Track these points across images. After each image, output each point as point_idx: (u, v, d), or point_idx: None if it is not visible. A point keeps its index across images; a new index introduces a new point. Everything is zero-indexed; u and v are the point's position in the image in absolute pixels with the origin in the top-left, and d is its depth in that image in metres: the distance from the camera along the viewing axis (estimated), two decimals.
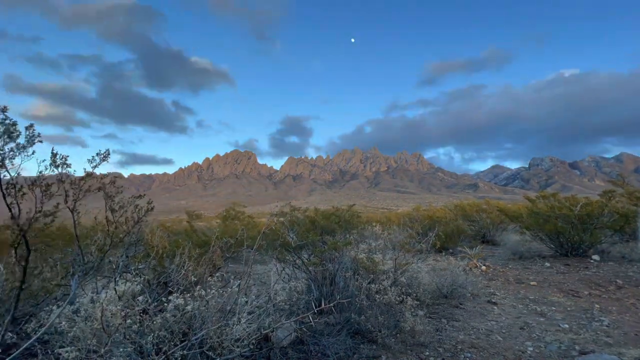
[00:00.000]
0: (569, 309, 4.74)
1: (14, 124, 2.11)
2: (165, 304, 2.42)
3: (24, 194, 2.12)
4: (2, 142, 2.08)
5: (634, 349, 3.38)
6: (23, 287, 2.22)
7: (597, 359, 3.13)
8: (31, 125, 2.17)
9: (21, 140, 2.14)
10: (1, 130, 2.07)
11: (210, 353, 2.39)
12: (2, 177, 2.09)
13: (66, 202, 2.39)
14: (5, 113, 2.08)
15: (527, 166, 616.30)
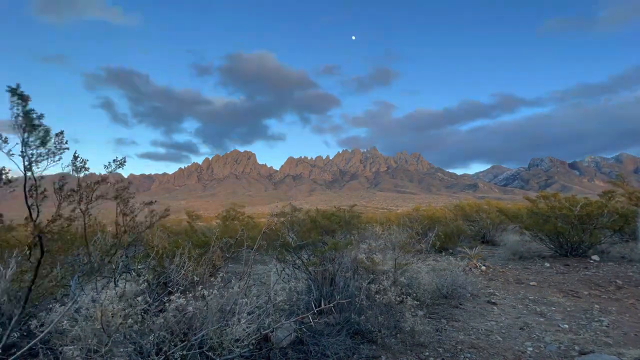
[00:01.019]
0: (568, 309, 4.74)
1: (48, 131, 2.19)
2: (166, 304, 2.42)
3: (45, 196, 2.18)
4: (33, 147, 2.16)
5: (633, 349, 3.39)
6: (32, 287, 2.24)
7: (596, 359, 3.13)
8: (61, 133, 2.28)
9: (51, 146, 2.24)
10: (35, 136, 2.15)
11: (210, 353, 2.40)
12: (27, 179, 2.17)
13: (79, 204, 2.45)
14: (41, 120, 2.16)
15: (527, 166, 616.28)
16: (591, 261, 7.93)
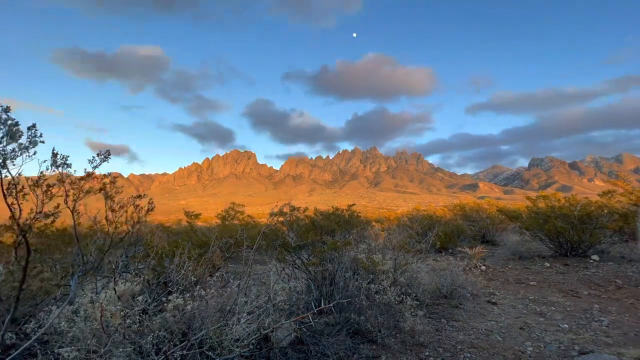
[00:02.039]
0: (568, 309, 4.74)
1: (16, 124, 2.08)
2: (165, 304, 2.42)
3: (25, 194, 2.12)
4: (4, 143, 2.05)
5: (633, 349, 3.38)
6: (23, 287, 2.22)
7: (596, 359, 3.13)
8: (33, 126, 2.14)
9: (23, 140, 2.12)
10: (3, 131, 2.05)
11: (210, 353, 2.39)
12: (3, 177, 2.08)
13: (66, 202, 2.39)
14: (8, 113, 2.05)
15: (527, 166, 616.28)
16: (591, 261, 7.93)
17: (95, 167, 2.51)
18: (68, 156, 2.34)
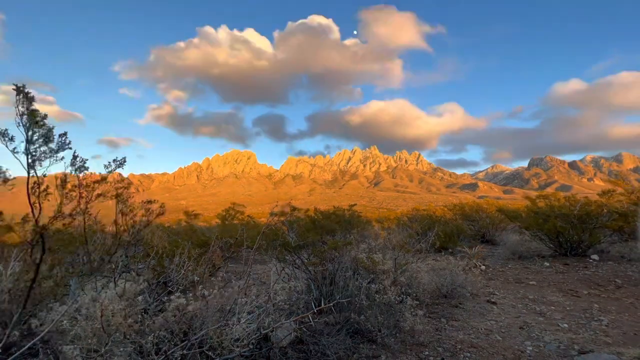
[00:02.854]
0: (568, 308, 4.75)
1: (50, 129, 2.23)
2: (166, 304, 2.43)
3: (48, 193, 2.21)
4: (37, 145, 2.20)
5: (633, 348, 3.39)
6: (33, 287, 2.25)
7: (596, 358, 3.14)
8: (65, 134, 2.32)
9: (53, 145, 2.29)
10: (39, 134, 2.20)
11: (210, 353, 2.40)
12: (29, 177, 2.21)
13: (79, 203, 2.47)
14: (45, 120, 2.20)
15: (527, 166, 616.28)
16: (591, 260, 7.94)
17: (110, 172, 2.62)
18: (87, 159, 2.49)
